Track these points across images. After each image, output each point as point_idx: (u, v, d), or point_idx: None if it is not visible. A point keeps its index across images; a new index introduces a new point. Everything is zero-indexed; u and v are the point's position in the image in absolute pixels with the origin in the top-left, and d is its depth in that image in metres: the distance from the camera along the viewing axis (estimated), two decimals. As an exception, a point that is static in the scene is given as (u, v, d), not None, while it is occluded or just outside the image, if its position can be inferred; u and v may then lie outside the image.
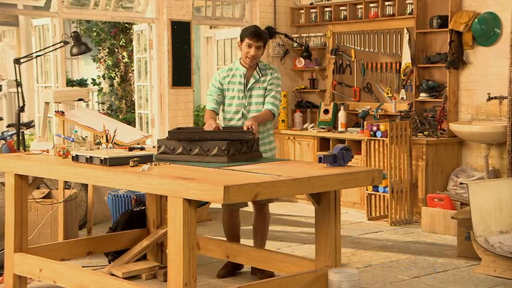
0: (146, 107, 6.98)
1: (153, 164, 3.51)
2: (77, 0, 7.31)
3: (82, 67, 13.87)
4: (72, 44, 5.14)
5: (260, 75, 4.25)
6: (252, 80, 4.24)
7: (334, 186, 3.30)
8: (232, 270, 4.41)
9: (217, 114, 4.34)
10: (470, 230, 4.53)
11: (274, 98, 4.24)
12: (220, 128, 4.01)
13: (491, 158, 5.95)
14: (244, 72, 4.25)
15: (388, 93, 6.80)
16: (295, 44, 7.42)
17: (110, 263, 4.53)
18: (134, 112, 8.14)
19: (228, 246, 4.21)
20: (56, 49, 5.83)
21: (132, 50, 9.12)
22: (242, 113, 4.25)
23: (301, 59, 7.37)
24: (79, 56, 10.96)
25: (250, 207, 4.52)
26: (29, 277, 4.00)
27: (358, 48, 7.02)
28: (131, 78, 10.65)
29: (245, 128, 3.92)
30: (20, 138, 4.97)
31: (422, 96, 6.35)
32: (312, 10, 7.39)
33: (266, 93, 4.24)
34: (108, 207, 5.50)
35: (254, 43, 4.15)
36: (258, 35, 4.15)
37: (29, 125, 5.88)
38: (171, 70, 6.69)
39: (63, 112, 4.98)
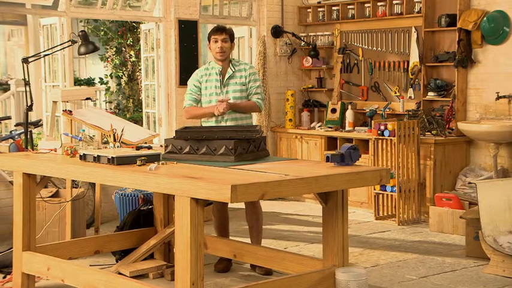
0: (153, 106, 6.99)
1: (161, 163, 3.51)
2: (85, 0, 7.33)
3: (89, 66, 13.92)
4: (80, 43, 5.15)
5: (233, 69, 4.47)
6: (226, 76, 4.46)
7: (342, 186, 3.29)
8: (228, 263, 4.49)
9: None
10: (478, 229, 4.51)
11: (257, 94, 4.46)
12: (230, 100, 4.30)
13: (500, 158, 5.92)
14: (220, 70, 4.47)
15: (396, 92, 6.78)
16: (303, 43, 7.41)
17: (117, 261, 4.54)
18: (141, 111, 8.15)
19: (236, 246, 4.21)
20: (63, 48, 5.85)
21: (139, 49, 9.13)
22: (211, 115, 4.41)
23: (309, 58, 7.36)
24: (86, 55, 11.00)
25: (241, 204, 4.54)
26: (37, 276, 4.01)
27: (366, 47, 7.00)
28: (138, 77, 10.67)
29: (218, 103, 4.26)
30: (28, 137, 4.98)
31: (431, 95, 6.32)
32: (319, 9, 7.38)
33: (248, 90, 4.45)
34: (116, 206, 5.51)
35: (219, 37, 4.42)
36: (220, 29, 4.43)
37: (37, 124, 5.89)
38: (179, 69, 6.69)
39: (70, 111, 4.99)
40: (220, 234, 4.60)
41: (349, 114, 6.87)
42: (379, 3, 6.80)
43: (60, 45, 5.74)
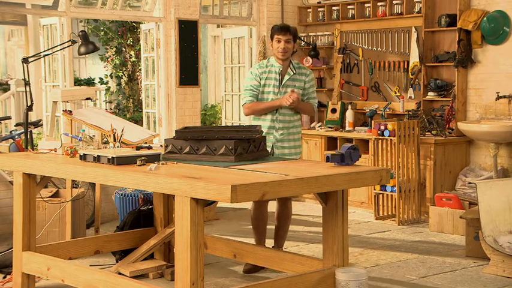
0: (153, 106, 6.99)
1: (161, 163, 3.51)
2: (85, 0, 7.33)
3: (90, 66, 13.91)
4: (80, 43, 5.15)
5: (294, 71, 4.49)
6: (286, 77, 4.48)
7: (342, 186, 3.29)
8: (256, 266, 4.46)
9: None
10: (478, 229, 4.51)
11: (315, 99, 4.58)
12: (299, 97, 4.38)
13: (500, 158, 5.92)
14: (280, 69, 4.47)
15: (396, 92, 6.78)
16: (303, 43, 7.41)
17: (117, 261, 4.54)
18: (141, 111, 8.15)
19: (235, 245, 4.21)
20: (63, 48, 5.85)
21: (139, 49, 9.13)
22: (277, 108, 4.44)
23: (309, 58, 7.35)
24: (86, 55, 10.99)
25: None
26: (37, 276, 4.01)
27: (366, 47, 7.00)
28: (138, 77, 10.67)
29: (289, 94, 4.30)
30: (28, 137, 4.98)
31: (431, 95, 6.32)
32: (319, 9, 7.38)
33: (306, 94, 4.52)
34: (116, 206, 5.51)
35: (282, 37, 4.40)
36: (285, 29, 4.41)
37: (37, 124, 5.89)
38: (179, 69, 6.69)
39: (70, 111, 4.99)
40: (258, 233, 4.53)
41: (349, 114, 6.87)
42: (379, 3, 6.80)
43: (60, 45, 5.74)
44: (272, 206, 4.59)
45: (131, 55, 10.72)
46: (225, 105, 7.87)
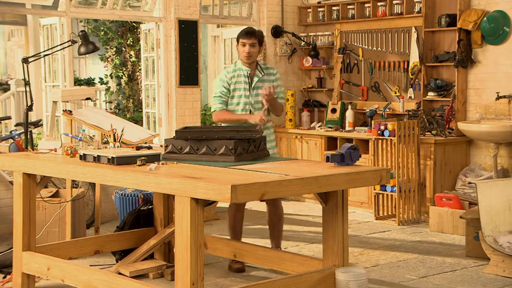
0: (153, 106, 6.99)
1: (161, 163, 3.51)
2: (85, 0, 7.33)
3: (90, 66, 13.92)
4: (80, 43, 5.15)
5: (262, 73, 4.53)
6: (255, 79, 4.51)
7: (342, 186, 3.29)
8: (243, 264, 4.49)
9: None
10: (478, 229, 4.51)
11: (282, 99, 4.59)
12: (264, 118, 4.34)
13: (500, 158, 5.92)
14: (248, 72, 4.50)
15: (396, 92, 6.78)
16: (303, 43, 7.41)
17: (117, 261, 4.54)
18: (141, 111, 8.15)
19: (235, 245, 4.21)
20: (63, 48, 5.85)
21: (139, 49, 9.13)
22: (250, 110, 4.48)
23: (309, 58, 7.36)
24: (87, 55, 10.99)
25: (263, 207, 4.52)
26: (37, 276, 4.01)
27: (366, 47, 7.00)
28: (138, 77, 10.67)
29: (264, 92, 4.30)
30: (28, 137, 4.98)
31: (431, 95, 6.32)
32: (319, 9, 7.38)
33: (276, 94, 4.49)
34: (116, 206, 5.51)
35: (247, 41, 4.43)
36: (249, 34, 4.46)
37: (37, 124, 5.89)
38: (179, 69, 6.69)
39: (70, 111, 4.99)
40: (234, 233, 4.58)
41: (349, 114, 6.87)
42: (379, 3, 6.80)
43: (60, 45, 5.74)
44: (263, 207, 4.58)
45: (131, 55, 10.72)
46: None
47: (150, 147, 4.10)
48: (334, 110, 7.06)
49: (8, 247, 4.47)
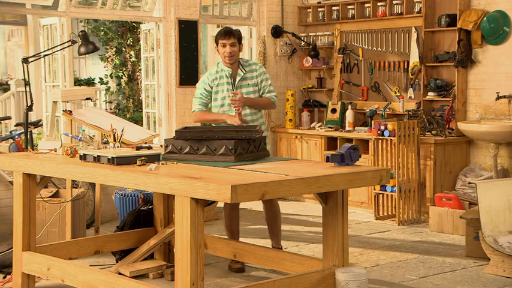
0: (153, 106, 6.99)
1: (161, 163, 3.51)
2: (85, 0, 7.33)
3: (90, 66, 13.93)
4: (80, 43, 5.15)
5: (244, 71, 4.49)
6: (237, 78, 4.48)
7: (342, 186, 3.29)
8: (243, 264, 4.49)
9: None
10: (478, 229, 4.51)
11: (271, 92, 4.53)
12: (241, 121, 4.29)
13: (500, 158, 5.92)
14: (230, 72, 4.47)
15: (396, 92, 6.78)
16: (303, 43, 7.41)
17: (117, 262, 4.54)
18: (141, 111, 8.16)
19: (235, 246, 4.21)
20: (63, 48, 5.85)
21: (139, 49, 9.13)
22: (234, 110, 4.42)
23: (309, 58, 7.36)
24: (87, 55, 10.99)
25: (259, 207, 4.52)
26: (37, 276, 4.01)
27: (366, 47, 7.00)
28: (138, 77, 10.67)
29: (230, 101, 4.29)
30: (28, 137, 4.98)
31: (431, 95, 6.32)
32: (319, 9, 7.38)
33: (261, 89, 4.50)
34: (116, 206, 5.51)
35: (227, 41, 4.38)
36: (228, 34, 4.39)
37: (37, 124, 5.90)
38: (179, 69, 6.69)
39: (70, 111, 4.99)
40: (231, 233, 4.59)
41: (349, 114, 6.87)
42: (379, 3, 6.80)
43: (60, 45, 5.74)
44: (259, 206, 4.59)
45: (131, 55, 10.72)
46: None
47: (150, 147, 4.10)
48: (334, 110, 7.06)
49: (8, 247, 4.47)
